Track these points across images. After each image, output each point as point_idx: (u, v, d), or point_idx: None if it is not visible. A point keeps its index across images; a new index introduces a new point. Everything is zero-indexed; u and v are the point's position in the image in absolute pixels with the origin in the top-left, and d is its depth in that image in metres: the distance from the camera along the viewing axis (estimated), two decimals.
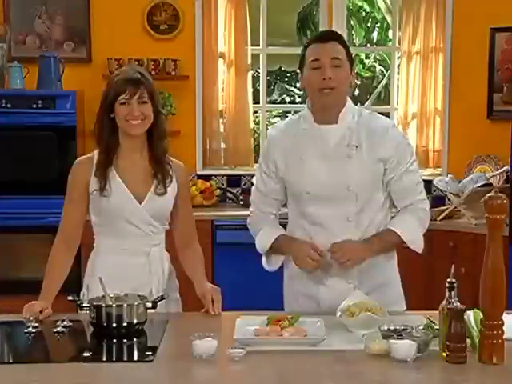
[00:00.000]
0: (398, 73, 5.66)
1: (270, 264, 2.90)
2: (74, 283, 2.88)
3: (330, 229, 2.75)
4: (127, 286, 2.67)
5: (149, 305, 2.52)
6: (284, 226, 2.92)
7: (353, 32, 8.67)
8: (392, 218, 2.84)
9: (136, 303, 2.49)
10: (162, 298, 2.61)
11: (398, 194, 2.80)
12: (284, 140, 2.84)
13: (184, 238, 2.90)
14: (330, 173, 2.73)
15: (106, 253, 2.81)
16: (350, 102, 2.81)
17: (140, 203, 2.76)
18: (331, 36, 2.78)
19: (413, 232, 2.77)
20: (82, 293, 2.80)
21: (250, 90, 5.53)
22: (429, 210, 2.85)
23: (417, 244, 2.79)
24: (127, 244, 2.78)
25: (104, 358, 2.32)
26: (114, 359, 2.32)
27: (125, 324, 2.45)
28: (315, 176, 2.74)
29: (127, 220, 2.76)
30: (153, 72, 5.20)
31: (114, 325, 2.44)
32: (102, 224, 2.80)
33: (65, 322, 2.52)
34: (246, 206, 5.23)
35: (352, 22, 8.68)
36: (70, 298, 2.58)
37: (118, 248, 2.78)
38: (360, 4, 9.05)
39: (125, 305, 2.48)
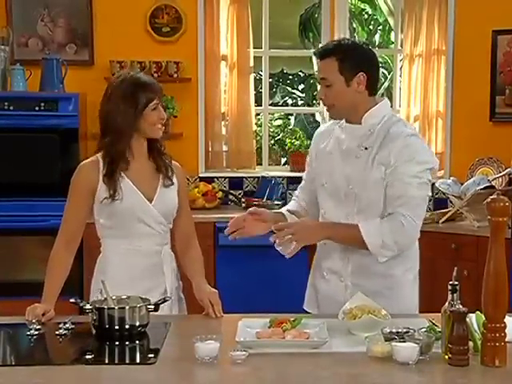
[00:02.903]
0: (401, 75, 5.66)
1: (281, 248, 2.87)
2: (75, 286, 2.89)
3: None
4: (141, 287, 2.69)
5: (151, 307, 2.52)
6: None
7: (355, 34, 8.68)
8: None
9: (138, 305, 2.49)
10: (165, 300, 2.61)
11: (386, 199, 2.72)
12: (322, 135, 2.95)
13: (184, 238, 2.92)
14: (341, 169, 2.79)
15: (117, 255, 2.80)
16: (382, 105, 2.81)
17: (150, 201, 2.77)
18: (324, 53, 2.76)
19: (375, 235, 2.67)
20: (94, 297, 2.76)
21: (252, 92, 5.54)
22: (409, 229, 2.67)
23: (374, 248, 2.68)
24: (141, 244, 2.79)
25: (106, 361, 2.32)
26: (117, 361, 2.32)
27: (127, 326, 2.45)
28: (330, 171, 2.82)
29: (140, 220, 2.77)
30: (155, 74, 5.20)
31: (117, 327, 2.44)
32: (114, 227, 2.79)
33: (67, 325, 2.52)
34: (249, 208, 5.28)
35: (354, 25, 8.69)
36: (72, 300, 2.58)
37: (131, 249, 2.78)
38: (362, 6, 9.06)
39: (127, 307, 2.48)
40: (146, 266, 2.79)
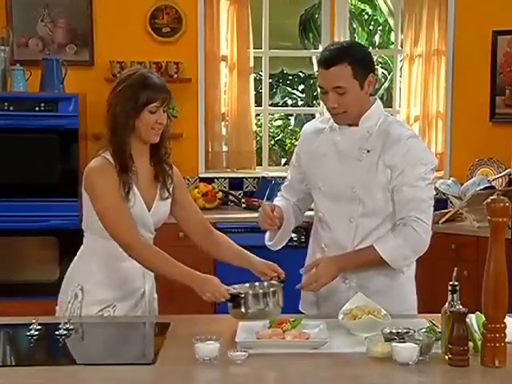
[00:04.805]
0: (401, 75, 5.66)
1: (268, 238, 2.90)
2: None
3: (333, 228, 2.80)
4: (123, 288, 2.70)
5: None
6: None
7: (355, 35, 8.69)
8: None
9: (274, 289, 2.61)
10: (282, 280, 2.69)
11: (396, 205, 2.73)
12: (312, 135, 2.89)
13: (202, 226, 2.88)
14: (340, 172, 2.76)
15: (103, 255, 2.74)
16: (376, 106, 2.78)
17: (148, 210, 2.72)
18: (334, 60, 2.66)
19: (393, 250, 2.68)
20: (74, 294, 2.73)
21: (252, 92, 5.54)
22: (423, 234, 2.69)
23: (396, 263, 2.70)
24: None
25: (106, 361, 2.31)
26: (116, 362, 2.32)
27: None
28: (328, 173, 2.79)
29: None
30: None
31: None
32: (103, 228, 2.71)
33: (67, 325, 2.52)
34: (249, 208, 5.30)
35: (354, 25, 8.70)
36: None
37: (117, 252, 2.71)
38: (362, 7, 9.07)
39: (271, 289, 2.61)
40: (128, 269, 2.72)
